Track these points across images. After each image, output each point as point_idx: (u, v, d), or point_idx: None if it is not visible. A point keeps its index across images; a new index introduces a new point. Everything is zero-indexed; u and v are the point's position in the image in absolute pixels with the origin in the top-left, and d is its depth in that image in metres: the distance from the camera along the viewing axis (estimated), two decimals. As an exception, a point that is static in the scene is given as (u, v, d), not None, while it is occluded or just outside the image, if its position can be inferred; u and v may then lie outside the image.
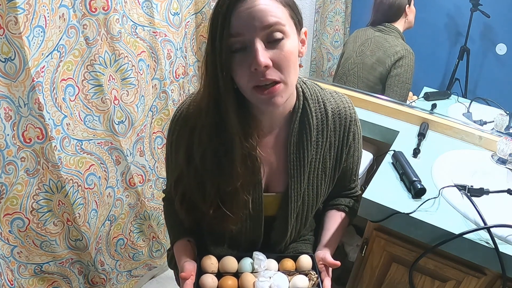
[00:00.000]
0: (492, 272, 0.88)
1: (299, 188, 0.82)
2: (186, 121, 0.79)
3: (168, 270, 1.69)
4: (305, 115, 0.79)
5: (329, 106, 0.82)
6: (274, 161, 0.83)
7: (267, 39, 0.64)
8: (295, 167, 0.81)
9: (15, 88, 0.95)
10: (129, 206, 1.41)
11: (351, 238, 1.64)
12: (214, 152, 0.74)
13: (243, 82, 0.67)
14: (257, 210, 0.83)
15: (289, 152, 0.80)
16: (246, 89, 0.68)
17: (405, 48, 1.37)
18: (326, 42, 1.61)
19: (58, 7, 0.98)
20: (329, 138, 0.82)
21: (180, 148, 0.80)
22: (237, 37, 0.64)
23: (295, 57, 0.68)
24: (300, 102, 0.79)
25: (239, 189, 0.76)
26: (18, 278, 1.16)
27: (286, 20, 0.66)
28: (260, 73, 0.64)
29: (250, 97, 0.69)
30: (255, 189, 0.81)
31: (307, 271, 0.85)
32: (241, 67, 0.66)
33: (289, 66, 0.66)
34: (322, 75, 1.68)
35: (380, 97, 1.40)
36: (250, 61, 0.64)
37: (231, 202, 0.77)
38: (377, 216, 0.94)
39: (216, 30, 0.64)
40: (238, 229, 0.84)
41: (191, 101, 0.80)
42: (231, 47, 0.65)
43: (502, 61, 1.26)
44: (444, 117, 1.30)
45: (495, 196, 0.94)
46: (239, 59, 0.65)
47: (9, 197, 1.05)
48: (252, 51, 0.63)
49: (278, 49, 0.65)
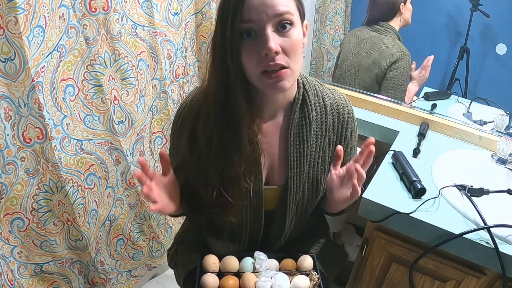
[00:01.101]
0: (492, 272, 0.88)
1: (298, 181, 0.83)
2: (191, 109, 0.80)
3: (168, 270, 1.70)
4: (304, 106, 0.81)
5: (328, 101, 0.84)
6: (275, 153, 0.84)
7: (277, 27, 0.67)
8: (295, 158, 0.82)
9: (15, 88, 0.95)
10: (129, 206, 1.41)
11: (351, 238, 1.64)
12: (219, 136, 0.75)
13: (251, 67, 0.69)
14: (257, 202, 0.84)
15: (289, 143, 0.81)
16: (253, 74, 0.70)
17: (401, 50, 1.37)
18: (326, 42, 1.61)
19: (58, 7, 0.97)
20: (328, 132, 0.84)
21: (183, 135, 0.81)
22: (248, 23, 0.66)
23: (301, 46, 0.71)
24: (300, 93, 0.81)
25: (241, 175, 0.77)
26: (18, 278, 1.15)
27: (294, 10, 0.68)
28: (270, 58, 0.66)
29: (257, 81, 0.71)
30: (255, 179, 0.81)
31: (308, 271, 0.85)
32: (249, 53, 0.68)
33: (296, 53, 0.69)
34: (322, 75, 1.68)
35: (380, 97, 1.40)
36: (261, 46, 0.66)
37: (232, 189, 0.78)
38: (377, 216, 0.94)
39: (227, 17, 0.66)
40: (239, 221, 0.85)
41: (195, 93, 0.82)
42: (241, 33, 0.67)
43: (502, 61, 1.26)
44: (444, 117, 1.30)
45: (495, 196, 0.95)
46: (248, 45, 0.67)
47: (9, 197, 1.05)
48: (263, 37, 0.66)
49: (287, 37, 0.68)
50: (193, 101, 0.81)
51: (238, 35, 0.66)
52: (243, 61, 0.69)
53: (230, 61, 0.68)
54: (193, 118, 0.78)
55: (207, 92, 0.75)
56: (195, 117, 0.78)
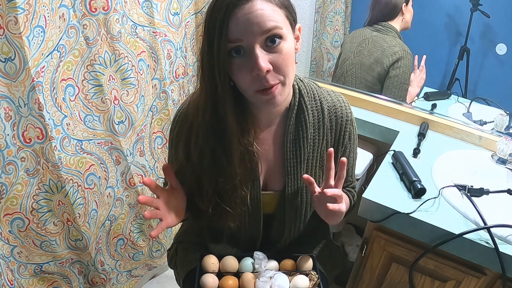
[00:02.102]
0: (492, 272, 0.88)
1: (296, 186, 0.83)
2: (185, 119, 0.80)
3: (168, 270, 1.69)
4: (301, 112, 0.80)
5: (326, 104, 0.83)
6: (272, 158, 0.84)
7: (266, 43, 0.65)
8: (292, 164, 0.82)
9: (15, 88, 0.95)
10: (129, 206, 1.41)
11: (351, 238, 1.64)
12: (211, 151, 0.74)
13: (245, 85, 0.68)
14: (255, 207, 0.84)
15: (286, 150, 0.81)
16: (248, 92, 0.69)
17: (403, 49, 1.37)
18: (326, 42, 1.61)
19: (58, 7, 0.97)
20: (325, 136, 0.83)
21: (179, 144, 0.81)
22: (235, 42, 0.64)
23: (293, 57, 0.70)
24: (296, 99, 0.80)
25: (237, 185, 0.77)
26: (18, 278, 1.15)
27: (283, 22, 0.66)
28: (262, 77, 0.65)
29: (252, 98, 0.70)
30: (253, 185, 0.81)
31: (308, 271, 0.85)
32: (241, 72, 0.66)
33: (287, 67, 0.68)
34: (322, 75, 1.68)
35: (380, 97, 1.40)
36: (251, 66, 0.64)
37: (229, 199, 0.78)
38: (377, 216, 0.94)
39: (213, 35, 0.64)
40: (237, 226, 0.85)
41: (190, 100, 0.81)
42: (229, 52, 0.65)
43: (502, 61, 1.26)
44: (444, 117, 1.30)
45: (495, 196, 0.95)
46: (238, 63, 0.66)
47: (9, 197, 1.05)
48: (253, 57, 0.64)
49: (277, 52, 0.66)
50: (188, 109, 0.80)
51: (226, 54, 0.65)
52: (236, 79, 0.68)
53: (218, 80, 0.66)
54: (188, 129, 0.78)
55: (197, 107, 0.74)
56: (189, 129, 0.77)
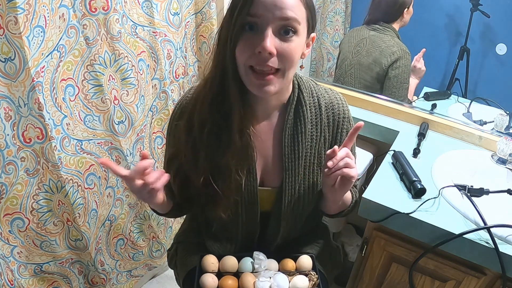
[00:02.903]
0: (492, 272, 0.88)
1: (293, 182, 0.83)
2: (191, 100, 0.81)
3: (168, 270, 1.70)
4: (299, 107, 0.81)
5: (323, 101, 0.83)
6: (269, 154, 0.84)
7: (279, 30, 0.67)
8: (289, 160, 0.82)
9: (15, 88, 0.95)
10: (129, 206, 1.41)
11: (351, 238, 1.64)
12: (212, 121, 0.76)
13: (242, 58, 0.69)
14: (251, 201, 0.84)
15: (284, 145, 0.81)
16: (242, 66, 0.70)
17: (402, 49, 1.37)
18: (326, 42, 1.61)
19: (58, 7, 0.97)
20: (323, 132, 0.84)
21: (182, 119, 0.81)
22: (253, 17, 0.66)
23: (298, 55, 0.71)
24: (295, 94, 0.81)
25: (232, 166, 0.77)
26: (18, 278, 1.15)
27: (302, 20, 0.69)
28: (262, 58, 0.67)
29: (244, 76, 0.71)
30: (249, 174, 0.81)
31: (307, 271, 0.85)
32: (245, 45, 0.68)
33: (291, 60, 0.69)
34: (322, 75, 1.68)
35: (380, 97, 1.40)
36: (257, 43, 0.66)
37: (223, 180, 0.78)
38: (377, 216, 0.94)
39: (236, 6, 0.67)
40: (233, 219, 0.85)
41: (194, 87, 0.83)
42: (244, 25, 0.67)
43: (502, 61, 1.26)
44: (444, 117, 1.30)
45: (495, 196, 0.95)
46: (246, 37, 0.68)
47: (9, 197, 1.05)
48: (262, 35, 0.66)
49: (286, 42, 0.68)
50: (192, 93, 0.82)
51: (241, 26, 0.67)
52: (238, 51, 0.69)
53: (229, 47, 0.69)
54: (192, 105, 0.79)
55: (207, 78, 0.76)
56: (193, 104, 0.79)
